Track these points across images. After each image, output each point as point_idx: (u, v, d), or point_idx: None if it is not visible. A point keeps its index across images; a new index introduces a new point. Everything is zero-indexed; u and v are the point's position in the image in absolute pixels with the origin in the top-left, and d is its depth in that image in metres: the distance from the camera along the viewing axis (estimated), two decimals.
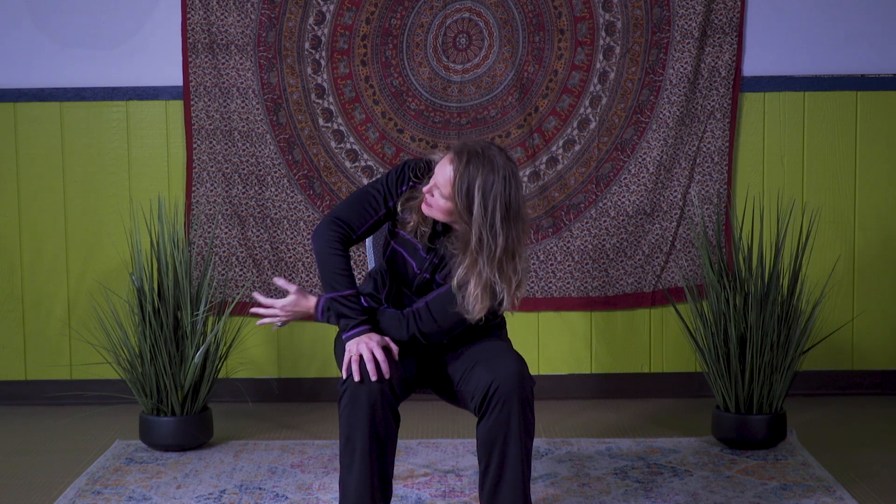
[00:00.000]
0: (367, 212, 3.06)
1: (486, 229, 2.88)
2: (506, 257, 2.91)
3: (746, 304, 3.93)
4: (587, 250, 4.65)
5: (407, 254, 3.10)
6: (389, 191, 3.07)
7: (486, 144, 2.94)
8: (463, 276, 2.92)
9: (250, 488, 3.67)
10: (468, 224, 2.89)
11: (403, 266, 3.10)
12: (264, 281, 4.65)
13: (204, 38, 4.56)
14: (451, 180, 2.89)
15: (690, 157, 4.62)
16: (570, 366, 4.76)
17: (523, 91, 4.59)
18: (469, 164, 2.88)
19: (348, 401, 2.90)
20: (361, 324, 2.98)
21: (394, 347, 2.96)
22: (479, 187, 2.86)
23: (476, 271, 2.90)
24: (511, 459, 2.92)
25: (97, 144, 4.65)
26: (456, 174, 2.88)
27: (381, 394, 2.89)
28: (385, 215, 3.08)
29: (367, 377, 2.89)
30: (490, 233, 2.88)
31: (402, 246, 3.11)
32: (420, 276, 3.08)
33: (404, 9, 4.56)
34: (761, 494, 3.55)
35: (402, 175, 3.06)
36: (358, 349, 2.92)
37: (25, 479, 3.80)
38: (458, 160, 2.89)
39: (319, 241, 3.03)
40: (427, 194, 2.97)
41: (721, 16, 4.57)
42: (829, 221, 4.67)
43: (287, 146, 4.60)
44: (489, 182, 2.87)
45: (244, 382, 4.69)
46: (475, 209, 2.87)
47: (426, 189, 2.97)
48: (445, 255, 3.04)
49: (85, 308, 4.64)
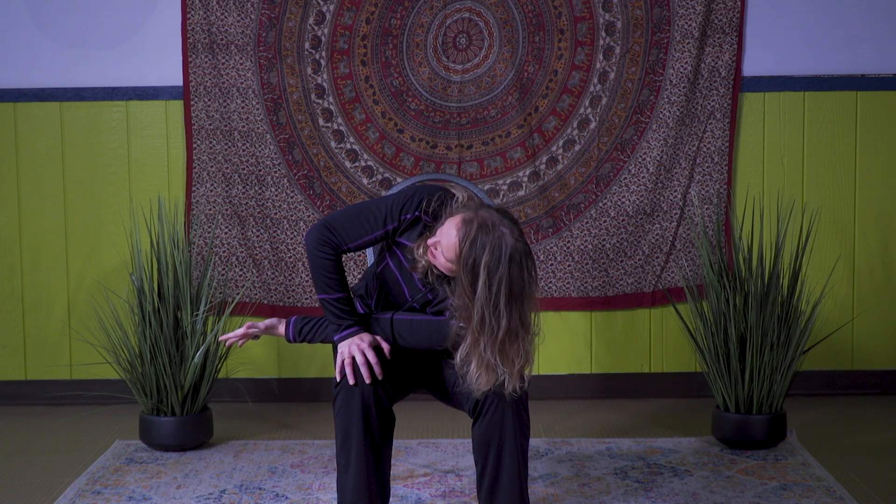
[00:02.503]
0: (362, 228, 2.95)
1: (488, 309, 2.74)
2: (509, 339, 2.77)
3: (746, 304, 3.93)
4: (587, 250, 4.65)
5: (402, 278, 3.04)
6: (391, 213, 2.95)
7: (500, 218, 2.79)
8: (465, 355, 2.80)
9: (250, 488, 3.67)
10: (470, 301, 2.75)
11: (396, 286, 3.07)
12: (264, 281, 4.65)
13: (204, 38, 4.57)
14: (456, 250, 2.76)
15: (690, 157, 4.62)
16: (570, 366, 4.76)
17: (523, 91, 4.59)
18: (477, 239, 2.74)
19: (342, 403, 2.90)
20: (353, 325, 2.98)
21: (385, 346, 2.97)
22: (484, 265, 2.72)
23: (477, 352, 2.78)
24: (507, 460, 2.92)
25: (97, 144, 4.65)
26: (461, 246, 2.74)
27: (375, 395, 2.90)
28: (381, 237, 2.97)
29: (361, 379, 2.89)
30: (493, 314, 2.74)
31: (398, 268, 3.04)
32: (410, 304, 3.06)
33: (404, 9, 4.57)
34: (761, 494, 3.55)
35: (410, 203, 2.93)
36: (350, 351, 2.92)
37: (25, 479, 3.80)
38: (465, 229, 2.75)
39: (311, 244, 2.97)
40: (432, 247, 2.85)
41: (721, 16, 4.57)
42: (829, 221, 4.67)
43: (287, 146, 4.60)
44: (495, 262, 2.73)
45: (244, 382, 4.69)
46: (479, 288, 2.72)
47: (431, 243, 2.85)
48: (440, 294, 2.97)
49: (85, 308, 4.64)
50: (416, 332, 3.00)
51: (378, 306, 3.13)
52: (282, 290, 4.66)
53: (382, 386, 2.92)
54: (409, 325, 3.00)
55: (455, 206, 2.87)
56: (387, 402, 2.94)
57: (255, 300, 4.66)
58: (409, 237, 2.97)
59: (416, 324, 3.00)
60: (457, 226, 2.77)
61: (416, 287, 3.04)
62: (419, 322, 3.00)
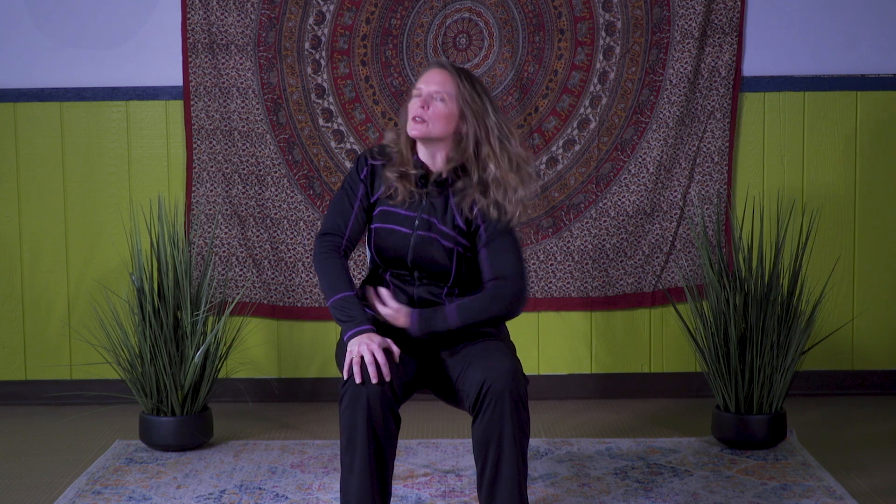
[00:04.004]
0: (343, 209, 3.14)
1: (491, 115, 3.08)
2: (510, 142, 3.11)
3: (746, 304, 3.93)
4: (587, 250, 4.65)
5: (391, 224, 3.13)
6: (353, 182, 3.16)
7: None
8: (489, 174, 3.06)
9: (250, 488, 3.67)
10: (475, 113, 3.07)
11: (391, 236, 3.12)
12: (264, 281, 4.65)
13: (204, 38, 4.57)
14: (449, 75, 3.06)
15: (690, 157, 4.62)
16: (570, 366, 4.76)
17: (523, 91, 4.59)
18: (455, 66, 3.13)
19: (349, 402, 2.90)
20: (363, 323, 2.98)
21: (395, 350, 2.96)
22: (475, 77, 3.13)
23: (494, 159, 3.05)
24: (506, 458, 2.92)
25: (97, 144, 4.65)
26: (450, 70, 3.09)
27: (382, 396, 2.89)
28: (360, 205, 3.14)
29: (368, 379, 2.89)
30: (497, 118, 3.08)
31: (383, 221, 3.14)
32: (414, 234, 3.09)
33: (404, 9, 4.57)
34: (761, 494, 3.55)
35: (360, 164, 3.17)
36: (359, 350, 2.92)
37: (25, 479, 3.80)
38: (443, 64, 3.12)
39: (315, 256, 3.13)
40: (420, 108, 3.06)
41: (721, 16, 4.57)
42: (829, 221, 4.67)
43: (287, 146, 4.60)
44: (467, 72, 3.13)
45: (244, 382, 4.69)
46: (480, 97, 3.07)
47: (421, 101, 3.07)
48: (428, 206, 3.11)
49: (85, 308, 4.64)
50: (475, 308, 3.06)
51: (384, 278, 3.17)
52: (282, 290, 4.66)
53: (390, 387, 2.91)
54: (469, 305, 3.06)
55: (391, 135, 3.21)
56: (393, 404, 2.94)
57: (255, 300, 4.66)
58: (378, 191, 3.18)
59: (472, 301, 3.07)
60: (433, 73, 3.11)
61: (406, 216, 3.11)
62: (473, 300, 3.07)
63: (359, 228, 3.15)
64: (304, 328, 4.70)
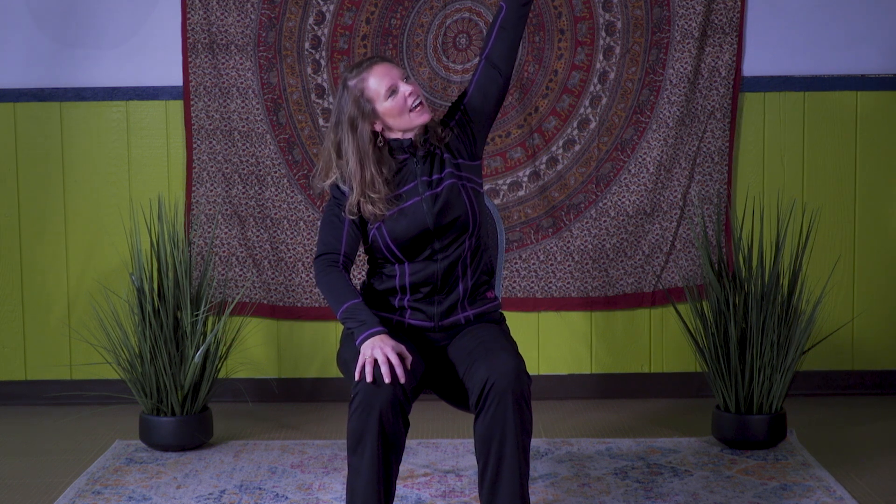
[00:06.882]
0: (333, 227, 3.11)
1: None
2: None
3: (746, 304, 3.93)
4: (587, 250, 4.65)
5: (395, 209, 3.10)
6: (337, 201, 3.12)
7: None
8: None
9: (250, 488, 3.67)
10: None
11: (403, 220, 3.09)
12: (264, 281, 4.65)
13: (204, 38, 4.57)
14: (395, 65, 3.13)
15: (690, 157, 4.62)
16: (570, 366, 4.76)
17: (523, 91, 4.59)
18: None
19: (360, 405, 2.89)
20: (375, 326, 2.97)
21: (408, 356, 2.95)
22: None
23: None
24: (508, 457, 2.92)
25: (97, 144, 4.65)
26: (391, 60, 3.21)
27: (394, 399, 2.88)
28: (350, 222, 3.11)
29: (381, 381, 2.88)
30: None
31: (379, 219, 3.13)
32: (423, 198, 3.09)
33: (404, 9, 4.57)
34: (761, 494, 3.55)
35: (333, 190, 3.13)
36: (373, 353, 2.91)
37: (25, 479, 3.80)
38: (385, 58, 3.17)
39: (316, 277, 3.11)
40: (414, 97, 3.08)
41: (721, 16, 4.57)
42: (829, 221, 4.67)
43: (287, 146, 4.60)
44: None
45: (244, 382, 4.69)
46: None
47: (410, 93, 3.08)
48: (417, 164, 3.12)
49: (85, 308, 4.64)
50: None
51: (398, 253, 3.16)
52: (282, 290, 4.66)
53: (402, 391, 2.91)
54: None
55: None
56: (405, 408, 2.93)
57: (255, 300, 4.66)
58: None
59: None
60: (381, 70, 3.12)
61: (409, 192, 3.10)
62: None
63: (353, 242, 3.12)
64: (304, 328, 4.70)
